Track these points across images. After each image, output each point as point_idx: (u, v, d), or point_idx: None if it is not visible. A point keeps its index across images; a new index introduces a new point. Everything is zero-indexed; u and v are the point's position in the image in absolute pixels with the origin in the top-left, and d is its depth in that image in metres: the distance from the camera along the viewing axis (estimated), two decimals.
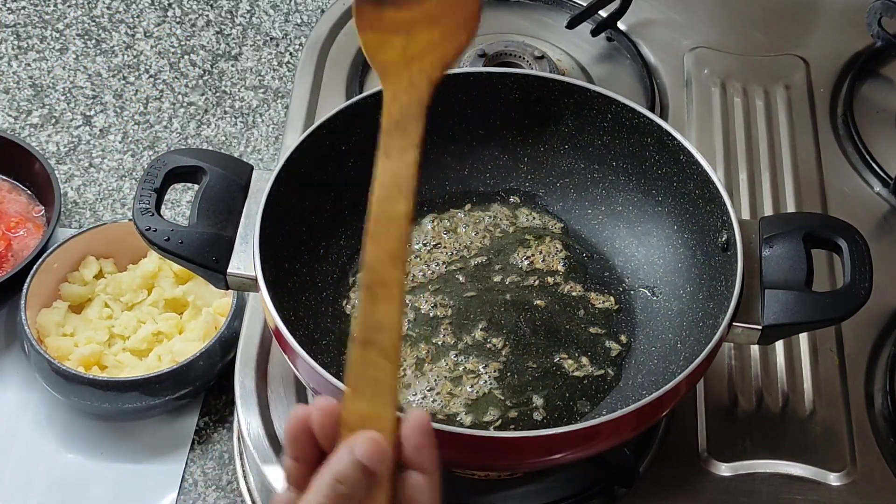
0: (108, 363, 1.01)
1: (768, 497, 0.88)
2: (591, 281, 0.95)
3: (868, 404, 0.94)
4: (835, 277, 1.01)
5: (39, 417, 1.02)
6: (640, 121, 0.92)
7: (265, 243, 0.82)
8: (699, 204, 0.89)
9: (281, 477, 0.87)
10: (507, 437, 0.76)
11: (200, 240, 0.84)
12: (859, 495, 0.88)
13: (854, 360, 0.97)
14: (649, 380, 0.87)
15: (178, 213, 1.16)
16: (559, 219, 0.98)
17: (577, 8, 1.24)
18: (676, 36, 1.24)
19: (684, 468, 0.90)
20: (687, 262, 0.92)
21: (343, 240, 0.95)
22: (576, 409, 0.86)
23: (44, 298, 1.05)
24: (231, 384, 0.96)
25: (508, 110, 0.97)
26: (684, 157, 0.90)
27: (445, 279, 0.94)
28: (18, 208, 1.13)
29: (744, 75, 1.20)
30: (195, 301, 1.05)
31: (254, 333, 0.96)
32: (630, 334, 0.91)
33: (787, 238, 0.84)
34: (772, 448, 0.90)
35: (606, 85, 1.14)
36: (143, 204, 0.84)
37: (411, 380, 0.87)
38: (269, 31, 1.36)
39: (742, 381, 0.95)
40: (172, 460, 0.99)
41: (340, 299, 0.92)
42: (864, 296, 0.81)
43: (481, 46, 1.19)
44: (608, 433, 0.76)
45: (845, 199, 1.09)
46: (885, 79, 1.22)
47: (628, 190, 0.96)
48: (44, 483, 0.98)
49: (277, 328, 0.78)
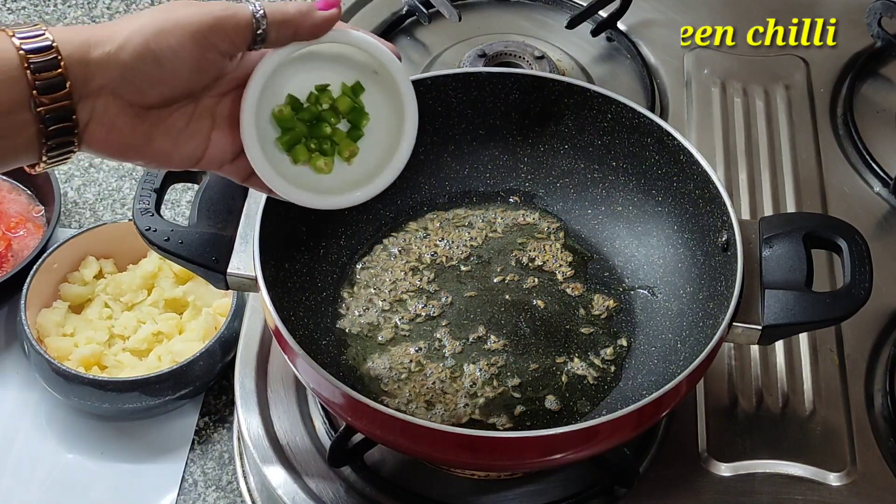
0: (108, 363, 1.02)
1: (768, 497, 0.88)
2: (591, 281, 0.95)
3: (868, 404, 0.94)
4: (835, 277, 1.01)
5: (39, 417, 1.02)
6: (640, 121, 0.92)
7: (265, 243, 0.82)
8: (699, 204, 0.89)
9: (281, 477, 0.87)
10: (507, 437, 0.76)
11: (200, 240, 0.84)
12: (859, 495, 0.88)
13: (854, 360, 0.97)
14: (649, 380, 0.87)
15: (178, 213, 1.16)
16: (559, 219, 0.98)
17: (577, 8, 1.24)
18: (676, 36, 1.24)
19: (684, 468, 0.90)
20: (687, 262, 0.92)
21: (343, 240, 0.95)
22: (576, 409, 0.86)
23: (44, 298, 1.05)
24: (231, 384, 0.96)
25: (508, 110, 0.97)
26: (684, 157, 0.90)
27: (445, 279, 0.94)
28: (18, 208, 1.13)
29: (744, 75, 1.20)
30: (195, 301, 1.06)
31: (254, 333, 0.96)
32: (630, 334, 0.91)
33: (787, 238, 0.84)
34: (772, 448, 0.90)
35: (606, 85, 1.14)
36: (143, 204, 0.84)
37: (411, 379, 0.87)
38: None
39: (742, 381, 0.95)
40: (172, 460, 0.99)
41: (340, 299, 0.92)
42: (864, 296, 0.81)
43: (481, 46, 1.19)
44: (608, 433, 0.76)
45: (845, 199, 1.09)
46: (885, 79, 1.22)
47: (628, 190, 0.96)
48: (44, 483, 0.98)
49: (277, 328, 0.78)
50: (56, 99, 0.62)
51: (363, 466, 0.88)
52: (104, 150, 0.66)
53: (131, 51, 0.64)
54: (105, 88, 0.64)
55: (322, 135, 0.74)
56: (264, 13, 0.67)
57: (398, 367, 0.88)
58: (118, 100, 0.65)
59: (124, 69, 0.64)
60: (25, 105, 0.62)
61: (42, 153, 0.64)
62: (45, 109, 0.62)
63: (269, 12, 0.67)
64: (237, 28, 0.67)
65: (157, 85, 0.65)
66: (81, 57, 0.63)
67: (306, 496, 0.86)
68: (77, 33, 0.64)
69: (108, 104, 0.64)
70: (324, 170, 0.74)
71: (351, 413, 0.78)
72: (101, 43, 0.64)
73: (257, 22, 0.67)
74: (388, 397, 0.86)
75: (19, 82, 0.61)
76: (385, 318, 0.91)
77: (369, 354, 0.89)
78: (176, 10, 0.66)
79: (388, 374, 0.88)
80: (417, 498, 0.87)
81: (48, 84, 0.62)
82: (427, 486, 0.88)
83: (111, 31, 0.64)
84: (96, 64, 0.63)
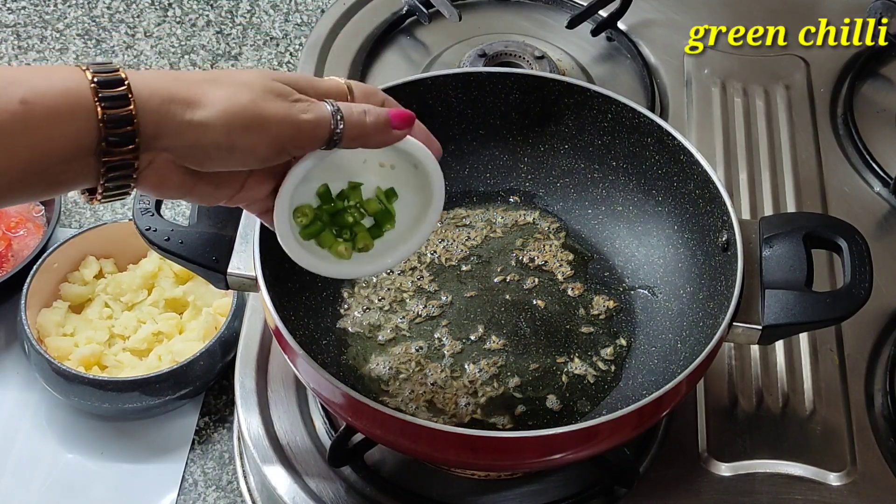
0: (108, 363, 1.02)
1: (768, 497, 0.88)
2: (591, 281, 0.95)
3: (868, 404, 0.94)
4: (835, 277, 1.01)
5: (39, 417, 1.02)
6: (640, 121, 0.92)
7: (265, 243, 0.82)
8: (699, 204, 0.89)
9: (281, 477, 0.87)
10: (507, 437, 0.76)
11: (200, 240, 0.84)
12: (859, 495, 0.88)
13: (854, 360, 0.97)
14: (649, 380, 0.87)
15: (178, 213, 1.16)
16: (559, 219, 0.98)
17: (577, 8, 1.24)
18: (676, 36, 1.24)
19: (684, 468, 0.90)
20: (687, 262, 0.92)
21: None
22: (576, 409, 0.86)
23: (44, 298, 1.05)
24: (231, 384, 0.96)
25: (508, 110, 0.97)
26: (684, 157, 0.90)
27: (445, 279, 0.94)
28: (18, 208, 1.12)
29: (744, 75, 1.20)
30: (195, 301, 1.06)
31: (254, 333, 0.96)
32: (630, 334, 0.91)
33: (788, 238, 0.84)
34: (772, 448, 0.90)
35: (606, 85, 1.14)
36: (143, 204, 0.84)
37: (411, 379, 0.87)
38: (269, 31, 1.36)
39: (742, 381, 0.95)
40: (172, 460, 0.99)
41: (340, 299, 0.92)
42: (864, 296, 0.81)
43: (481, 46, 1.19)
44: (608, 433, 0.76)
45: (845, 199, 1.09)
46: (885, 79, 1.22)
47: (628, 190, 0.96)
48: (44, 483, 0.98)
49: (277, 328, 0.78)
50: (122, 151, 0.61)
51: (363, 466, 0.88)
52: (153, 193, 0.67)
53: (211, 137, 0.63)
54: (169, 150, 0.63)
55: (344, 224, 0.75)
56: (343, 128, 0.67)
57: (398, 367, 0.88)
58: (176, 160, 0.64)
59: (195, 146, 0.63)
60: (92, 152, 0.61)
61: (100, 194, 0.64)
62: (109, 159, 0.61)
63: (347, 126, 0.67)
64: (314, 140, 0.67)
65: (218, 166, 0.66)
66: (157, 112, 0.62)
67: (306, 496, 0.86)
68: (159, 84, 0.62)
69: (167, 161, 0.64)
70: (343, 255, 0.76)
71: (351, 413, 0.78)
72: (182, 104, 0.62)
73: (334, 134, 0.67)
74: (388, 397, 0.86)
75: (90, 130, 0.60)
76: (385, 317, 0.91)
77: (369, 354, 0.89)
78: (265, 101, 0.64)
79: (389, 373, 0.88)
80: (417, 498, 0.87)
81: (119, 137, 0.61)
82: (427, 486, 0.88)
83: (196, 93, 0.63)
84: (169, 128, 0.62)
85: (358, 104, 0.69)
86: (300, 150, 0.68)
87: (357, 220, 0.75)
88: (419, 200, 0.77)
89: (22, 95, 0.58)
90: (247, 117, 0.64)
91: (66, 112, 0.60)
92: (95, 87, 0.60)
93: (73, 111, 0.60)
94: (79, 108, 0.60)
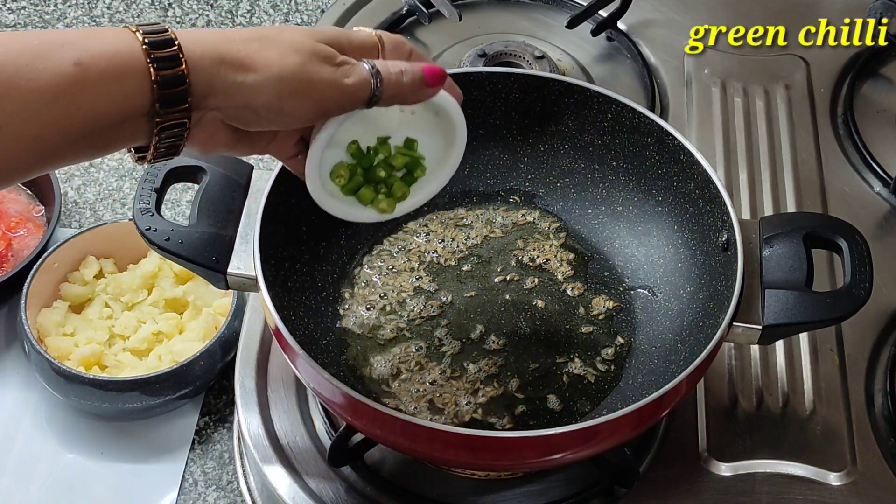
0: (108, 363, 1.02)
1: (768, 497, 0.88)
2: (591, 281, 0.95)
3: (868, 404, 0.94)
4: (835, 277, 1.01)
5: (39, 417, 1.02)
6: (640, 121, 0.92)
7: (265, 243, 0.82)
8: (699, 204, 0.89)
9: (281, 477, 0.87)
10: (507, 437, 0.76)
11: (200, 240, 0.84)
12: (859, 495, 0.88)
13: (854, 360, 0.97)
14: (649, 380, 0.87)
15: (178, 213, 1.16)
16: (559, 218, 0.98)
17: (577, 8, 1.24)
18: (676, 36, 1.24)
19: (684, 468, 0.90)
20: (687, 261, 0.92)
21: (343, 240, 0.95)
22: (576, 409, 0.86)
23: (44, 298, 1.05)
24: (231, 384, 0.96)
25: (508, 110, 0.97)
26: (684, 157, 0.90)
27: (445, 279, 0.94)
28: (18, 208, 1.12)
29: (744, 75, 1.20)
30: (195, 301, 1.06)
31: (254, 333, 0.96)
32: (630, 334, 0.91)
33: (788, 238, 0.84)
34: (772, 448, 0.90)
35: (606, 85, 1.14)
36: (143, 204, 0.84)
37: (411, 379, 0.87)
38: None
39: (742, 381, 0.95)
40: (172, 460, 0.99)
41: (341, 299, 0.92)
42: (864, 296, 0.81)
43: (481, 46, 1.19)
44: (608, 433, 0.76)
45: (845, 199, 1.09)
46: (885, 79, 1.22)
47: (628, 190, 0.96)
48: (44, 483, 0.98)
49: (277, 328, 0.78)
50: (174, 111, 0.62)
51: (363, 466, 0.88)
52: (198, 150, 0.68)
53: (263, 100, 0.64)
54: (219, 109, 0.64)
55: (377, 179, 0.77)
56: (382, 89, 0.68)
57: (398, 367, 0.88)
58: (224, 119, 0.65)
59: (246, 107, 0.64)
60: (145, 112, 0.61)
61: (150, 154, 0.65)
62: (162, 120, 0.62)
63: (385, 87, 0.68)
64: (355, 102, 0.68)
65: (264, 126, 0.67)
66: (208, 72, 0.62)
67: (306, 496, 0.86)
68: (209, 43, 0.63)
69: (214, 119, 0.65)
70: (387, 210, 0.78)
71: (351, 413, 0.78)
72: (234, 65, 0.63)
73: (374, 95, 0.68)
74: (388, 397, 0.86)
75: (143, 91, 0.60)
76: (385, 317, 0.91)
77: (369, 354, 0.89)
78: (312, 65, 0.65)
79: (389, 373, 0.88)
80: (417, 498, 0.87)
81: (171, 97, 0.61)
82: (427, 486, 0.88)
83: (247, 54, 0.63)
84: (220, 89, 0.63)
85: (394, 63, 0.70)
86: (341, 111, 0.69)
87: (390, 173, 0.78)
88: (440, 141, 0.79)
89: (77, 57, 0.58)
90: (296, 82, 0.65)
91: (120, 74, 0.60)
92: (147, 48, 0.60)
93: (127, 73, 0.60)
94: (131, 69, 0.60)
